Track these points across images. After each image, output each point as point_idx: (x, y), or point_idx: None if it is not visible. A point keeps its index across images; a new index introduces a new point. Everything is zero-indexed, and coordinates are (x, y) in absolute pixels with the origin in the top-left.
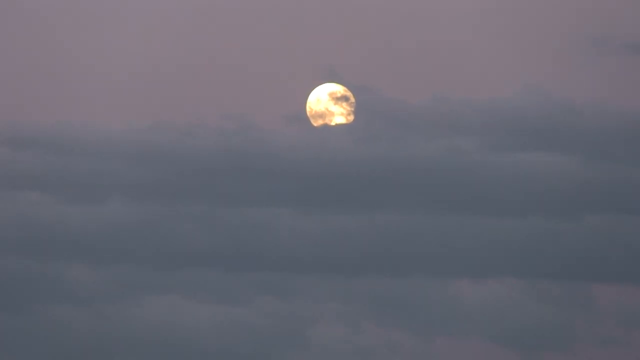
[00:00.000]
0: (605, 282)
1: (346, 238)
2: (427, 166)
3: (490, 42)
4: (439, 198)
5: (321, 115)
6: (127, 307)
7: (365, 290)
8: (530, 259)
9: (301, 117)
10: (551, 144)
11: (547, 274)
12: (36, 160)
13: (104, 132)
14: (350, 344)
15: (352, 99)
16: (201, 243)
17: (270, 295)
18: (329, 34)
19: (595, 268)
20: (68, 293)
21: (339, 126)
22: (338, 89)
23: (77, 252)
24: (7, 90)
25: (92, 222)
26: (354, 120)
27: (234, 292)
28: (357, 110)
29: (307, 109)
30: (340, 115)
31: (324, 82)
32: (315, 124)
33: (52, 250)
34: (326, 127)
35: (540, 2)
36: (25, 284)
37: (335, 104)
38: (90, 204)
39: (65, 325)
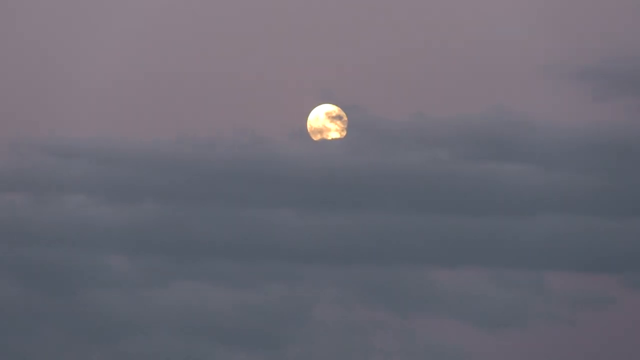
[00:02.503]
0: (556, 270)
1: (341, 233)
2: (408, 173)
3: (462, 68)
4: (419, 200)
5: (319, 131)
6: (157, 291)
7: (357, 278)
8: (494, 251)
9: (303, 132)
10: (511, 154)
11: (508, 264)
12: (81, 168)
13: (137, 144)
14: (344, 323)
15: (345, 118)
16: (219, 238)
17: (277, 281)
18: (327, 63)
19: (547, 259)
20: (108, 279)
21: (334, 140)
22: (333, 109)
23: (116, 244)
24: (51, 105)
25: (129, 220)
26: (346, 135)
27: (246, 278)
28: (349, 127)
29: (308, 126)
30: (335, 131)
31: (322, 103)
32: (314, 139)
33: (95, 243)
34: (324, 141)
35: (501, 38)
36: (73, 272)
37: (331, 121)
38: (127, 205)
39: (106, 307)
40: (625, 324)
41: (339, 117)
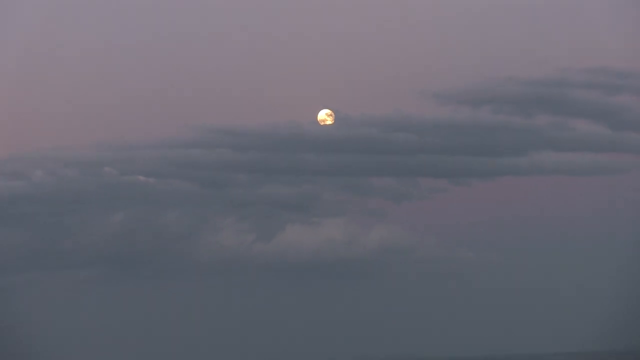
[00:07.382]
0: (423, 177)
1: (332, 162)
2: (359, 139)
3: (384, 89)
4: (366, 147)
5: (323, 120)
6: (242, 188)
7: (339, 181)
8: (400, 167)
9: (315, 120)
10: (403, 129)
11: (406, 174)
12: (221, 137)
13: (241, 126)
14: (335, 201)
15: (334, 115)
16: (277, 166)
17: (305, 183)
18: (325, 90)
19: (418, 169)
20: (227, 181)
21: (329, 124)
22: (328, 111)
23: (235, 168)
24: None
25: (239, 159)
26: (334, 122)
27: (290, 182)
28: (335, 119)
29: (318, 118)
30: (330, 120)
31: (323, 108)
32: (321, 124)
33: (225, 167)
34: (325, 125)
35: (391, 63)
36: (215, 178)
37: (327, 116)
38: (239, 153)
39: (217, 189)
40: (452, 202)
41: (331, 115)
